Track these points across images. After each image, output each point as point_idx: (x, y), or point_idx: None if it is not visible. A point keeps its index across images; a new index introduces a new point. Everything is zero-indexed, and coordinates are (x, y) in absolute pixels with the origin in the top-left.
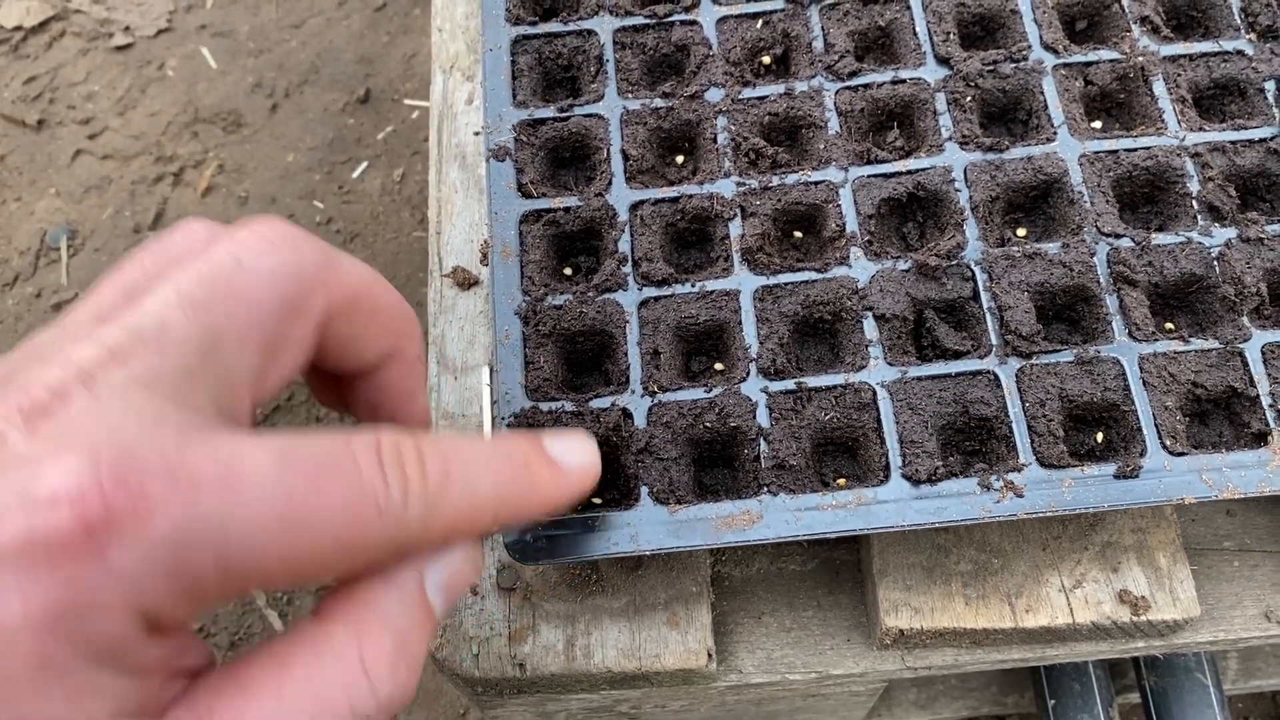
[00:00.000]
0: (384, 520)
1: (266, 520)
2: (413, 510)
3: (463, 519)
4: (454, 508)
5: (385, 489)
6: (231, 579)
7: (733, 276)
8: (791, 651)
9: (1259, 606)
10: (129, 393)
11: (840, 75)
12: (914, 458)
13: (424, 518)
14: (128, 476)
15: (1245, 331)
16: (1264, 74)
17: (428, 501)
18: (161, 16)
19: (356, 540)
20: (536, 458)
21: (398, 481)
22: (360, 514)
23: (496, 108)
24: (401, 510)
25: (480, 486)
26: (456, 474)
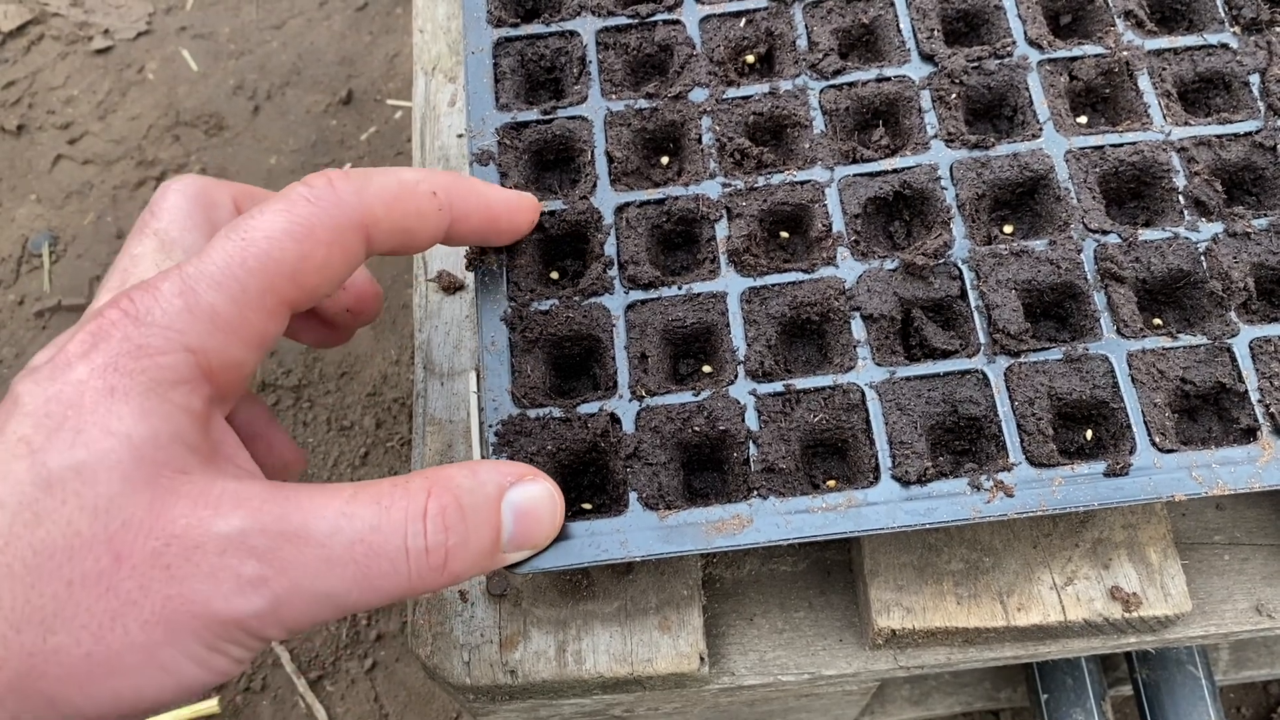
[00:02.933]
0: (320, 203)
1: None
2: (344, 190)
3: (399, 191)
4: (383, 181)
5: (309, 187)
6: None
7: (719, 278)
8: (784, 653)
9: (1250, 600)
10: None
11: (824, 74)
12: (903, 459)
13: (358, 193)
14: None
15: (1233, 327)
16: (1249, 67)
17: (355, 182)
18: (141, 19)
19: (309, 227)
20: None
21: (319, 179)
22: (296, 208)
23: (479, 111)
24: (331, 192)
25: (404, 173)
26: (376, 171)
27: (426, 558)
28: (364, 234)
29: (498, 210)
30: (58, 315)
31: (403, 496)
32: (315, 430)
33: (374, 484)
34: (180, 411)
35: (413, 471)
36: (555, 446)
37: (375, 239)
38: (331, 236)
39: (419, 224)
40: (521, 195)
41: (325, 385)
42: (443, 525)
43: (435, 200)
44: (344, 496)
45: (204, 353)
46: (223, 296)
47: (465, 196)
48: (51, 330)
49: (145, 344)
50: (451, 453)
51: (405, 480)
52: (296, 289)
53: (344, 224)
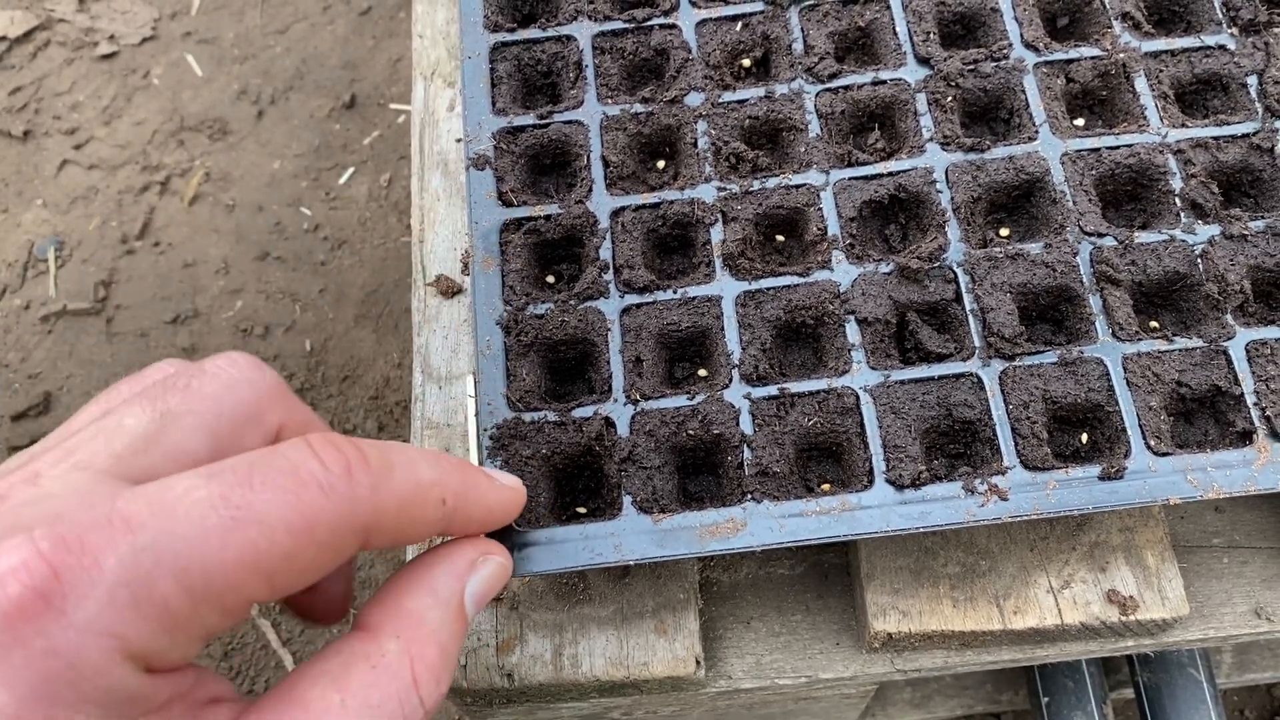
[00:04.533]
0: (333, 498)
1: (210, 528)
2: (360, 487)
3: (412, 497)
4: (400, 485)
5: (325, 470)
6: (201, 598)
7: (714, 282)
8: (780, 656)
9: (1248, 603)
10: (68, 476)
11: (820, 77)
12: (897, 462)
13: (373, 493)
14: (65, 536)
15: (1229, 329)
16: (1246, 69)
17: (373, 478)
18: (146, 25)
19: (311, 524)
20: (470, 464)
21: (337, 462)
22: (305, 497)
23: (476, 116)
24: (348, 486)
25: (421, 470)
26: (395, 458)
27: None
28: (362, 538)
29: (496, 517)
30: (63, 319)
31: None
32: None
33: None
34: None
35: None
36: (550, 450)
37: (369, 541)
38: (329, 538)
39: (417, 531)
40: (515, 494)
41: (328, 389)
42: (434, 680)
43: (442, 509)
44: None
45: (143, 657)
46: (181, 591)
47: (471, 505)
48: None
49: (75, 661)
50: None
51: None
52: (267, 589)
53: (348, 527)
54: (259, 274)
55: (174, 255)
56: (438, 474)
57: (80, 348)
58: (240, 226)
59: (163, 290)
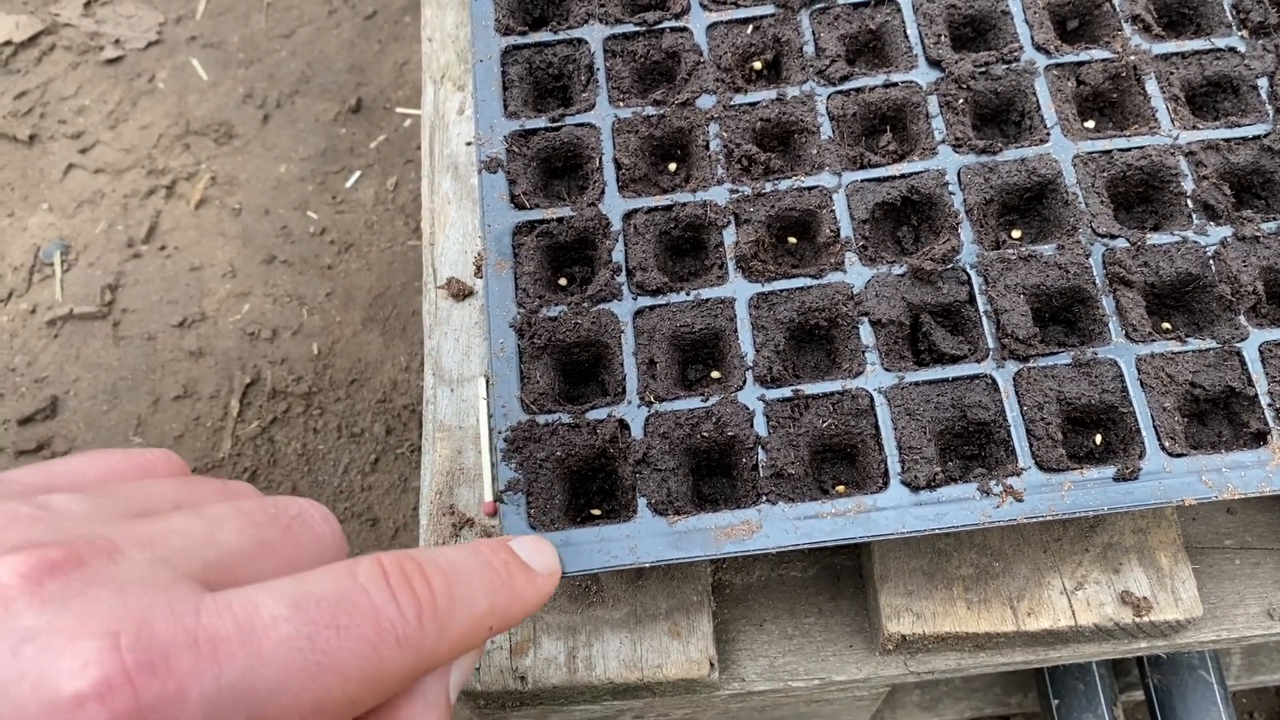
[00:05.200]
0: (405, 651)
1: (294, 670)
2: (428, 636)
3: (467, 636)
4: (459, 627)
5: (403, 619)
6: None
7: (727, 284)
8: (794, 659)
9: (1261, 604)
10: (153, 568)
11: (832, 80)
12: (913, 464)
13: (438, 641)
14: (152, 655)
15: (1242, 330)
16: (1256, 71)
17: (440, 624)
18: (151, 29)
19: (383, 674)
20: (515, 566)
21: (412, 609)
22: (384, 650)
23: (488, 119)
24: (419, 638)
25: (478, 603)
26: (458, 591)
27: None
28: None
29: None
30: (69, 323)
31: None
32: (326, 437)
33: None
34: None
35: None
36: (564, 453)
37: None
38: (394, 687)
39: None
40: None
41: (336, 392)
42: None
43: (488, 634)
44: None
45: None
46: None
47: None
48: (63, 338)
49: None
50: (461, 459)
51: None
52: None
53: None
54: (266, 277)
55: (180, 259)
56: (491, 604)
57: (87, 351)
58: (246, 230)
59: (169, 294)
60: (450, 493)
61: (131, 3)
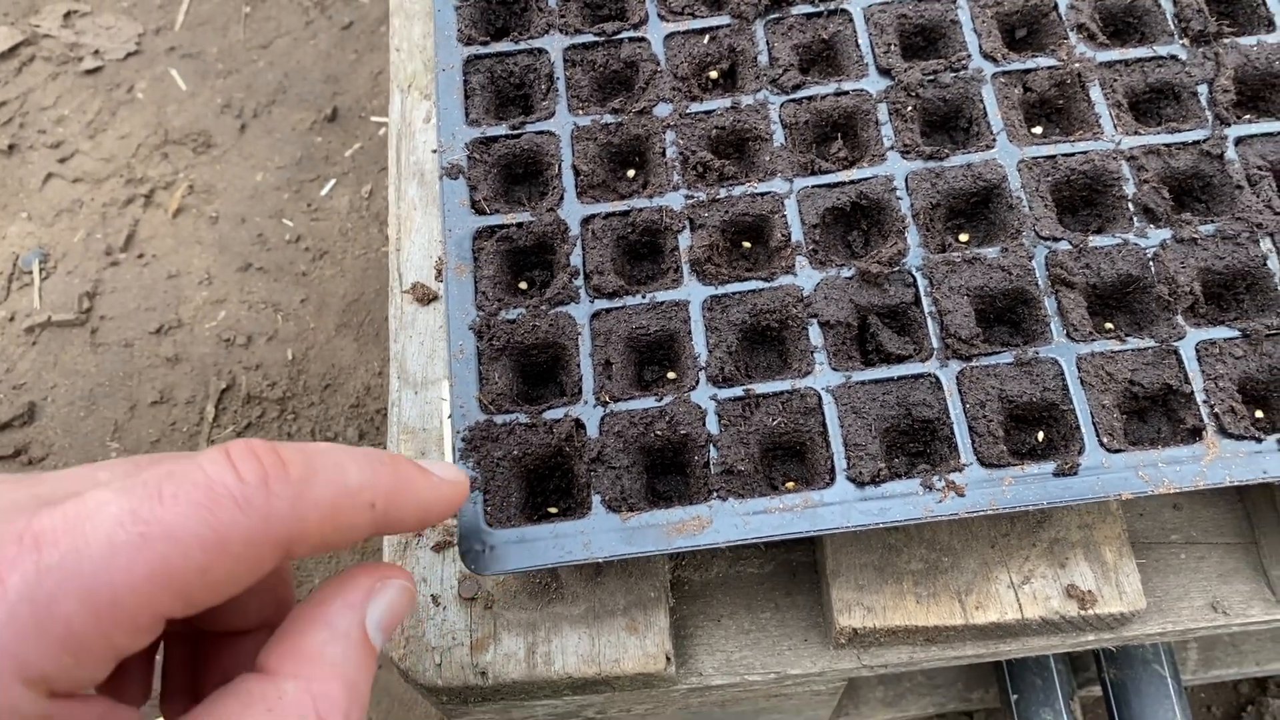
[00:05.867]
0: (248, 512)
1: (118, 545)
2: (278, 498)
3: (338, 504)
4: (324, 492)
5: (240, 482)
6: (109, 617)
7: (682, 287)
8: (750, 653)
9: (1205, 597)
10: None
11: (785, 88)
12: (858, 460)
13: (293, 504)
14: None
15: (1180, 330)
16: (1197, 78)
17: (293, 489)
18: (130, 40)
19: (224, 539)
20: (403, 459)
21: (254, 472)
22: (218, 512)
23: (450, 127)
24: (264, 499)
25: (349, 474)
26: (319, 462)
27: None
28: (283, 550)
29: (433, 514)
30: (47, 331)
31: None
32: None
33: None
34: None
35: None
36: (521, 451)
37: (292, 552)
38: (245, 552)
39: (345, 539)
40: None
41: (309, 397)
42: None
43: (371, 513)
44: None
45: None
46: (86, 611)
47: (404, 505)
48: (41, 345)
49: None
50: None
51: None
52: (181, 605)
53: (265, 540)
54: (241, 285)
55: (158, 267)
56: (366, 477)
57: (65, 358)
58: (223, 238)
59: (147, 301)
60: None
61: (111, 14)
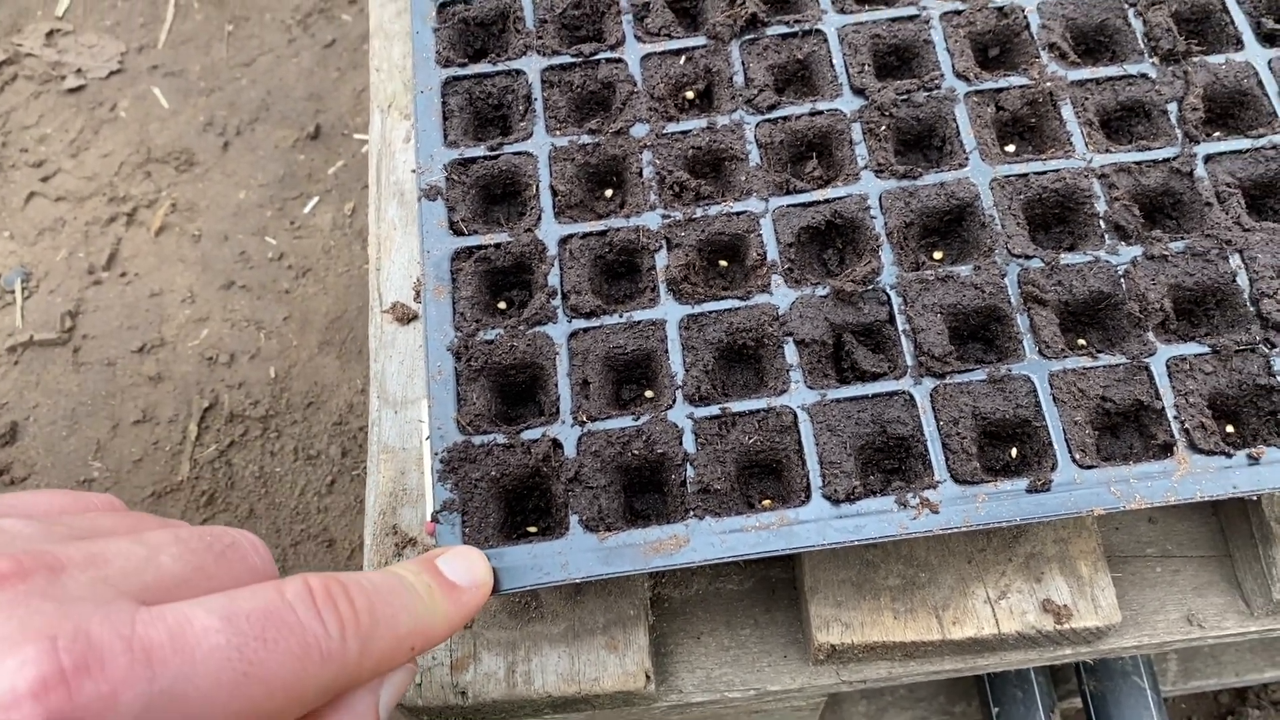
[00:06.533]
0: (327, 665)
1: (224, 681)
2: (350, 652)
3: (389, 653)
4: (381, 645)
5: (326, 635)
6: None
7: (659, 306)
8: (730, 670)
9: (1181, 610)
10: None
11: (760, 108)
12: (833, 478)
13: (359, 657)
14: (88, 658)
15: (1150, 346)
16: (1167, 96)
17: (362, 641)
18: (113, 58)
19: (306, 686)
20: (438, 587)
21: (335, 626)
22: (309, 663)
23: (428, 148)
24: (342, 653)
25: (400, 622)
26: (380, 611)
27: None
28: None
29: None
30: (30, 350)
31: None
32: (282, 460)
33: None
34: None
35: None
36: (499, 472)
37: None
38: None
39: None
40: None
41: (292, 415)
42: None
43: (409, 654)
44: None
45: None
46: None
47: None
48: (23, 365)
49: None
50: (405, 479)
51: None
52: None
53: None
54: (224, 303)
55: (140, 285)
56: (412, 624)
57: (47, 378)
58: (206, 256)
59: (129, 320)
60: (394, 513)
61: (94, 32)
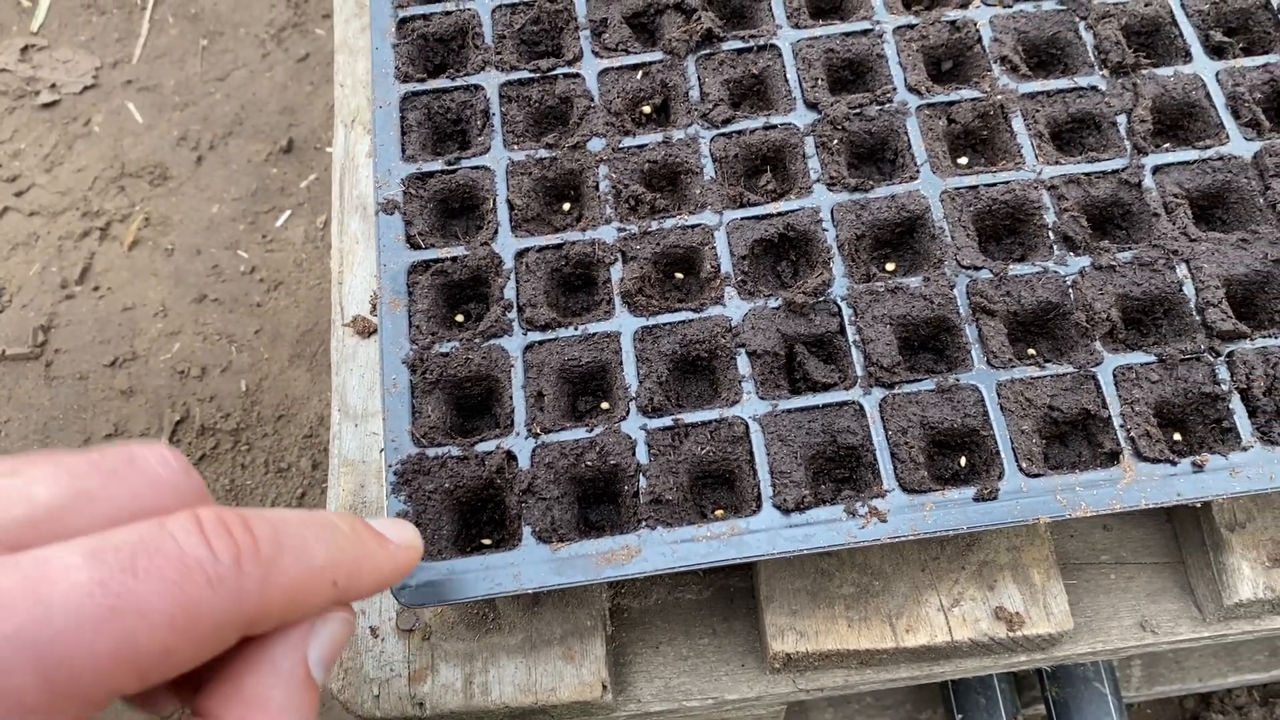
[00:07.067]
0: (219, 592)
1: (84, 618)
2: (249, 579)
3: (303, 585)
4: (291, 574)
5: (214, 560)
6: (63, 692)
7: (614, 319)
8: (688, 679)
9: (1135, 616)
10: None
11: (715, 123)
12: (783, 487)
13: (262, 585)
14: None
15: (1097, 355)
16: (1116, 108)
17: (263, 568)
18: (88, 73)
19: (194, 619)
20: (364, 529)
21: (227, 550)
22: (191, 590)
23: (386, 163)
24: (237, 579)
25: (313, 553)
26: (288, 540)
27: None
28: (245, 629)
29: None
30: (2, 364)
31: None
32: (253, 473)
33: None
34: None
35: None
36: (452, 484)
37: (252, 630)
38: (211, 632)
39: (302, 614)
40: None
41: (263, 428)
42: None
43: (333, 590)
44: None
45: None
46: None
47: (362, 579)
48: None
49: None
50: (364, 492)
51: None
52: (137, 682)
53: (232, 621)
54: (196, 316)
55: (113, 299)
56: (330, 556)
57: (19, 392)
58: (179, 270)
59: (101, 334)
60: None
61: (68, 48)
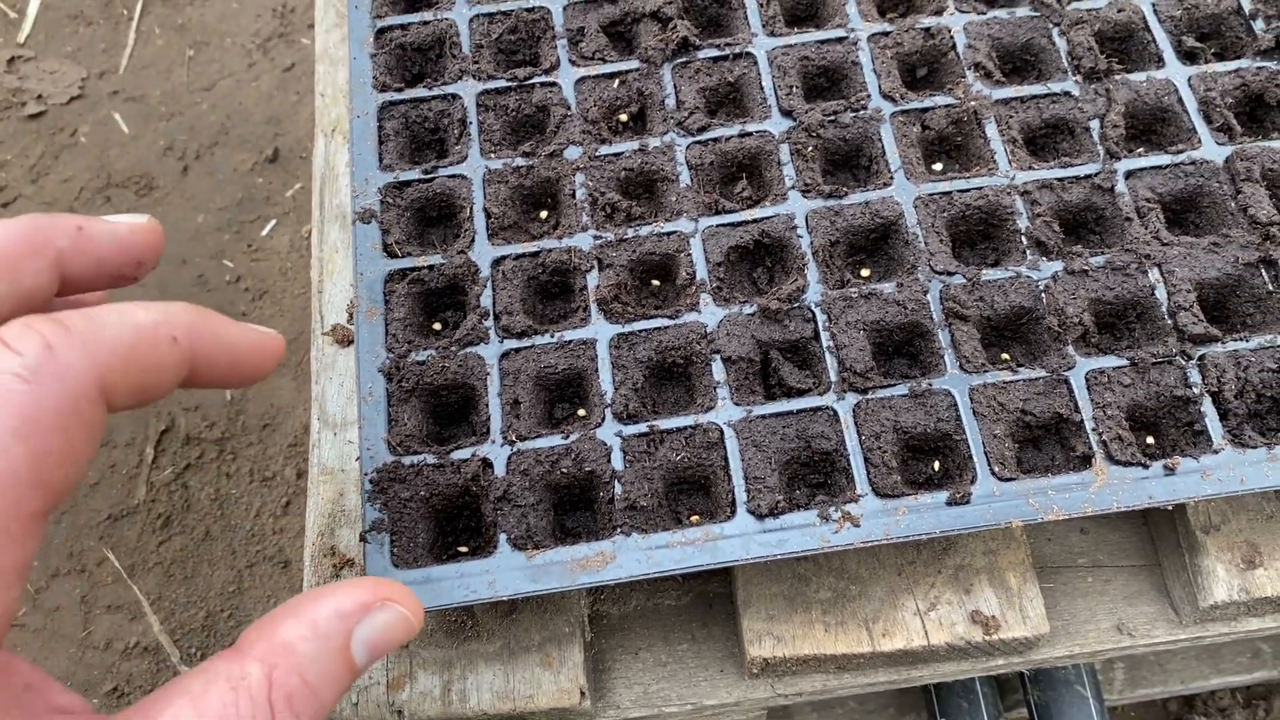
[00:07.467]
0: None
1: None
2: (67, 354)
3: (134, 341)
4: (114, 334)
5: (20, 356)
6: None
7: (590, 326)
8: (667, 685)
9: (1112, 619)
10: None
11: (691, 130)
12: (757, 493)
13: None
14: None
15: (1070, 360)
16: (1089, 113)
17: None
18: (74, 84)
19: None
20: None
21: (33, 344)
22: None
23: (363, 171)
24: (52, 363)
25: (138, 315)
26: (102, 314)
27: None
28: (102, 398)
29: (241, 354)
30: None
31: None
32: (238, 481)
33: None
34: None
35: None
36: (428, 492)
37: (114, 400)
38: (64, 420)
39: (157, 377)
40: (265, 335)
41: (248, 437)
42: (291, 713)
43: (176, 347)
44: None
45: None
46: None
47: (208, 340)
48: None
49: None
50: (344, 500)
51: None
52: (44, 496)
53: (76, 399)
54: None
55: None
56: (159, 314)
57: None
58: (164, 280)
59: None
60: (332, 534)
61: (55, 58)
